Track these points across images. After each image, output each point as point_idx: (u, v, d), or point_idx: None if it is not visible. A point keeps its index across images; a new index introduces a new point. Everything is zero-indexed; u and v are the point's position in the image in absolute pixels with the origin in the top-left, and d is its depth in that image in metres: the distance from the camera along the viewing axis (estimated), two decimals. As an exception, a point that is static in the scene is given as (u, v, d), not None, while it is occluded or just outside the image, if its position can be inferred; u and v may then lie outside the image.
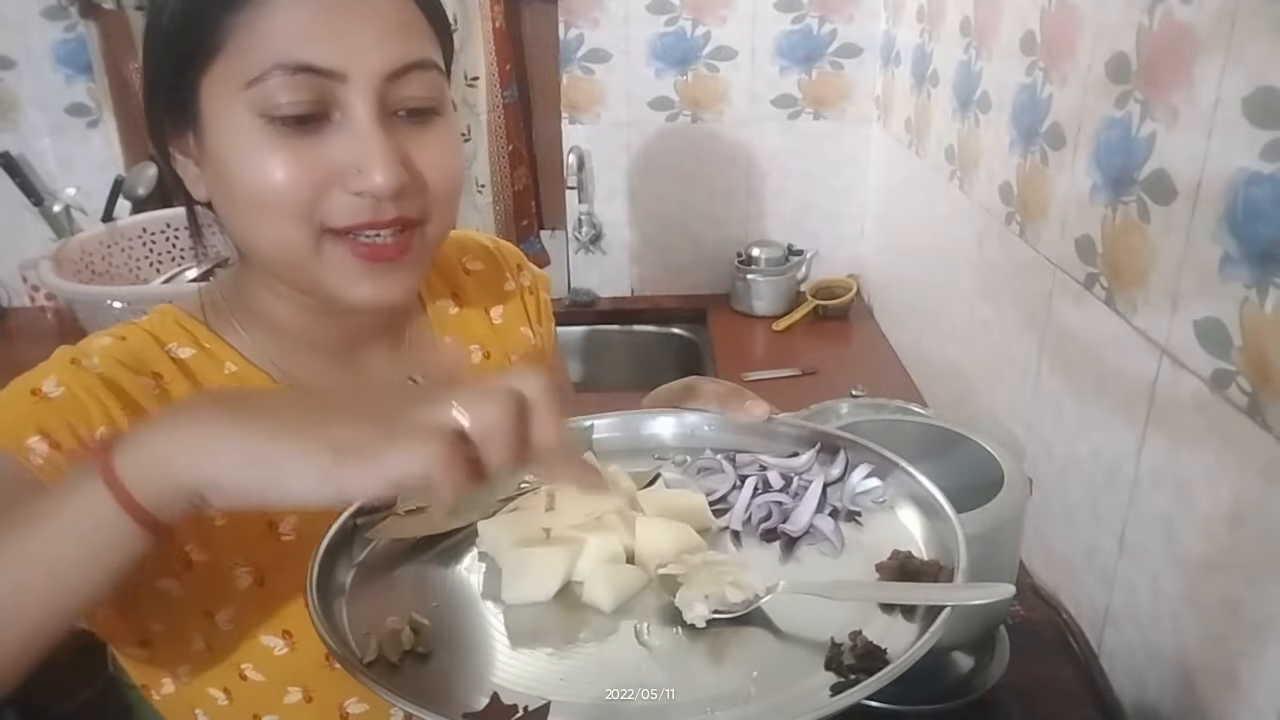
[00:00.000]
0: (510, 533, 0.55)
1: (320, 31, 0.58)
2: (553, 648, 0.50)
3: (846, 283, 1.96)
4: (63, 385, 0.61)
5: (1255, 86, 0.72)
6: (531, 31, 1.88)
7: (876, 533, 0.58)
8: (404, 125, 0.62)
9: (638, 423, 0.69)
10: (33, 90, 1.90)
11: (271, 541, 0.66)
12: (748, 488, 0.60)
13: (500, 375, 0.45)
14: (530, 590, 0.52)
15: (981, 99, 1.30)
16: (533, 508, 0.58)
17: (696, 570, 0.51)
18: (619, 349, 2.02)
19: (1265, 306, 0.71)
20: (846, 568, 0.55)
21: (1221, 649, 0.78)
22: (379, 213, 0.60)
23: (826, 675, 0.46)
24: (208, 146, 0.61)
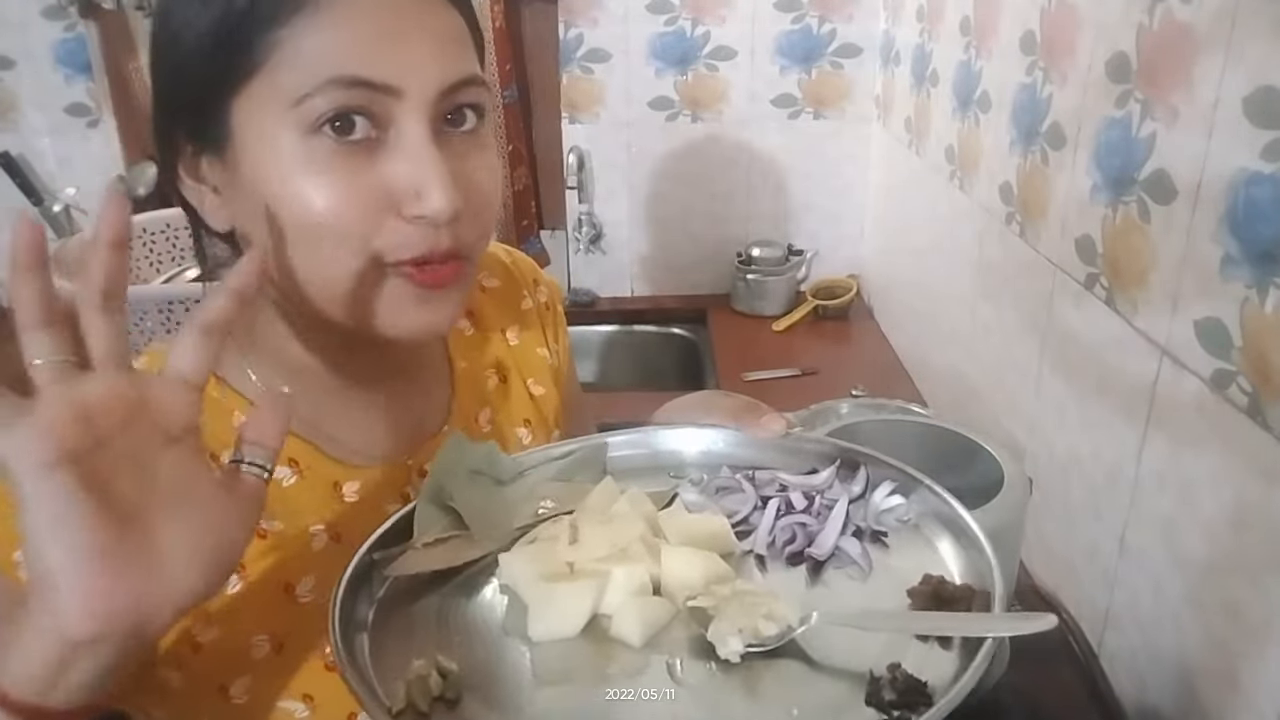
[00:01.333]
0: (533, 566, 0.52)
1: (375, 45, 0.54)
2: (583, 686, 0.48)
3: (846, 283, 1.96)
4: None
5: (1255, 86, 0.72)
6: (531, 31, 1.88)
7: (903, 554, 0.56)
8: (454, 146, 0.58)
9: (652, 439, 0.67)
10: (32, 90, 1.90)
11: (289, 605, 0.63)
12: (770, 509, 0.58)
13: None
14: (557, 626, 0.50)
15: (981, 99, 1.30)
16: (553, 538, 0.55)
17: (727, 602, 0.49)
18: (619, 349, 2.02)
19: (1266, 307, 0.71)
20: (876, 592, 0.53)
21: (1223, 650, 0.78)
22: (436, 244, 0.57)
23: (868, 711, 0.44)
24: (242, 170, 0.56)
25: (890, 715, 0.44)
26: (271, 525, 0.63)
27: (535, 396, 0.83)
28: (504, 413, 0.79)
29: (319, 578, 0.64)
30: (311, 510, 0.65)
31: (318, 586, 0.64)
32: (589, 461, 0.65)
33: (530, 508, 0.58)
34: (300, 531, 0.64)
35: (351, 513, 0.67)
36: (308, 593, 0.64)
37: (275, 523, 0.63)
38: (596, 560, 0.52)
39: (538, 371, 0.84)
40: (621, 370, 2.02)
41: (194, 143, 0.59)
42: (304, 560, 0.64)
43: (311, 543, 0.64)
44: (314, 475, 0.66)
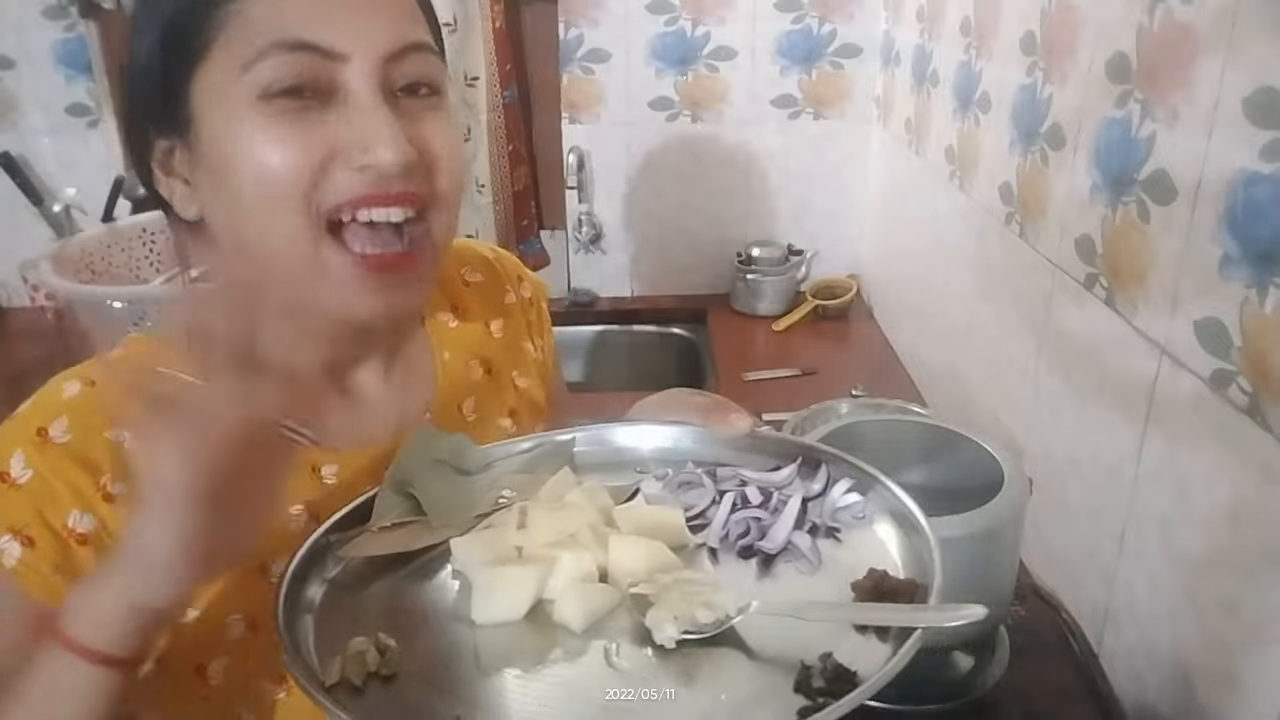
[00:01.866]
0: (482, 551, 0.53)
1: (319, 12, 0.57)
2: (521, 669, 0.48)
3: (846, 283, 1.96)
4: (30, 467, 0.59)
5: (1255, 86, 0.72)
6: (531, 31, 1.88)
7: (855, 550, 0.57)
8: (406, 109, 0.60)
9: (618, 435, 0.69)
10: (33, 90, 1.90)
11: (264, 585, 0.63)
12: (725, 503, 0.59)
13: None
14: (500, 610, 0.51)
15: (981, 99, 1.30)
16: (505, 524, 0.56)
17: (668, 590, 0.50)
18: (619, 349, 2.02)
19: (1265, 306, 0.71)
20: (823, 586, 0.54)
21: (1221, 649, 0.78)
22: (384, 187, 0.58)
23: (795, 698, 0.45)
24: (202, 147, 0.59)
25: (815, 701, 0.44)
26: None
27: (520, 389, 0.83)
28: (488, 403, 0.80)
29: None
30: (291, 491, 0.65)
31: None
32: (554, 455, 0.65)
33: (491, 497, 0.59)
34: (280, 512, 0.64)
35: (329, 495, 0.67)
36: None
37: None
38: (544, 546, 0.53)
39: (522, 364, 0.84)
40: (621, 370, 2.02)
41: (162, 135, 0.61)
42: (280, 540, 0.63)
43: (289, 524, 0.65)
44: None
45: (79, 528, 0.58)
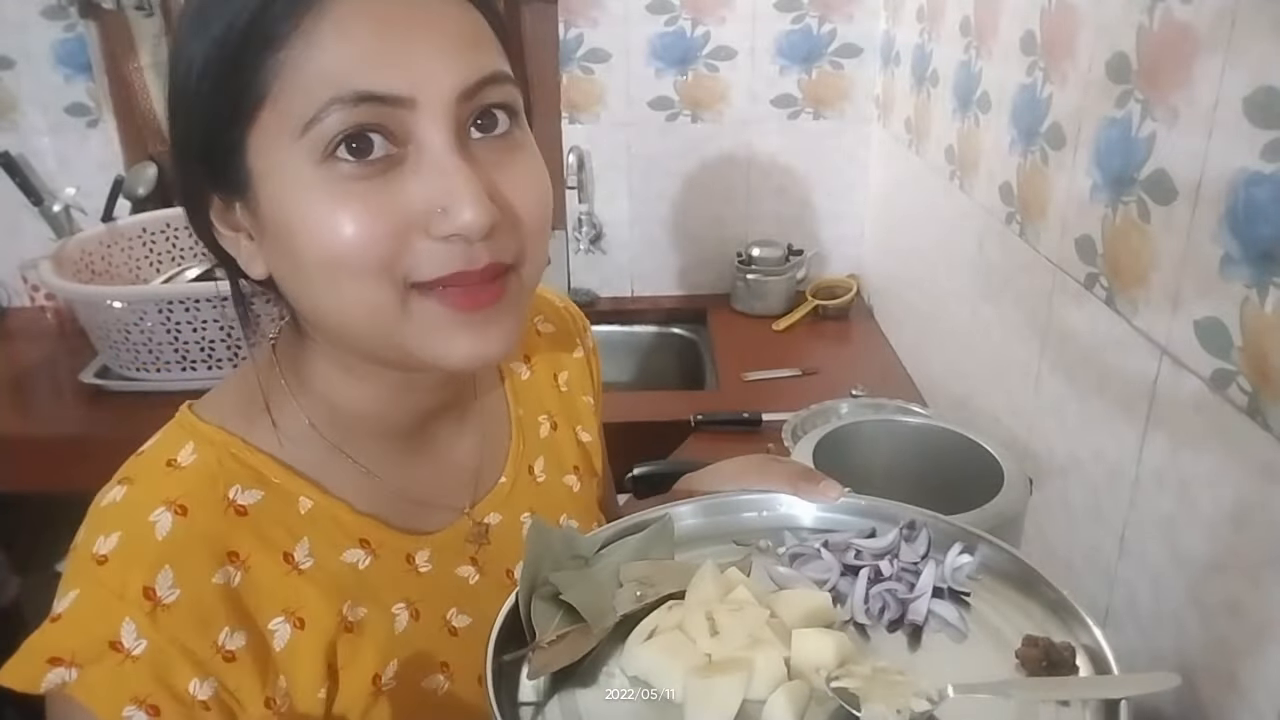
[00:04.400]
0: (674, 659, 0.52)
1: (380, 56, 0.50)
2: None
3: (846, 283, 1.96)
4: (143, 637, 0.53)
5: (1255, 86, 0.72)
6: (531, 31, 1.88)
7: (986, 613, 0.57)
8: (484, 152, 0.54)
9: (715, 507, 0.67)
10: (32, 90, 1.90)
11: (376, 697, 0.61)
12: (862, 578, 0.59)
13: None
14: (713, 718, 0.50)
15: (981, 99, 1.30)
16: (676, 627, 0.55)
17: (870, 681, 0.50)
18: (619, 349, 2.02)
19: (1265, 306, 0.71)
20: (978, 654, 0.54)
21: (1222, 650, 0.78)
22: (471, 260, 0.52)
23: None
24: (263, 212, 0.54)
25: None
26: (357, 615, 0.61)
27: (583, 443, 0.81)
28: (555, 461, 0.78)
29: (401, 662, 0.62)
30: (390, 589, 0.64)
31: (400, 671, 0.62)
32: (661, 535, 0.64)
33: (628, 592, 0.57)
34: (384, 615, 0.63)
35: (426, 584, 0.66)
36: (391, 679, 0.62)
37: (360, 610, 0.62)
38: (736, 649, 0.53)
39: (585, 419, 0.82)
40: (621, 370, 2.02)
41: (219, 191, 0.56)
42: (388, 646, 0.62)
43: (394, 625, 0.63)
44: (386, 552, 0.64)
45: (200, 695, 0.55)
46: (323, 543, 0.62)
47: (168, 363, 1.54)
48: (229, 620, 0.56)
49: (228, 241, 0.58)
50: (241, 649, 0.57)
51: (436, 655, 0.65)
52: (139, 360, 1.55)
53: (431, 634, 0.65)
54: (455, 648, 0.66)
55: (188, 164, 0.56)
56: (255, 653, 0.57)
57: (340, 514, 0.63)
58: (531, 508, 0.73)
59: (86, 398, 1.61)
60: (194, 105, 0.53)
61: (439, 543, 0.67)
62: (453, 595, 0.67)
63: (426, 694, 0.64)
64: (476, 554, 0.69)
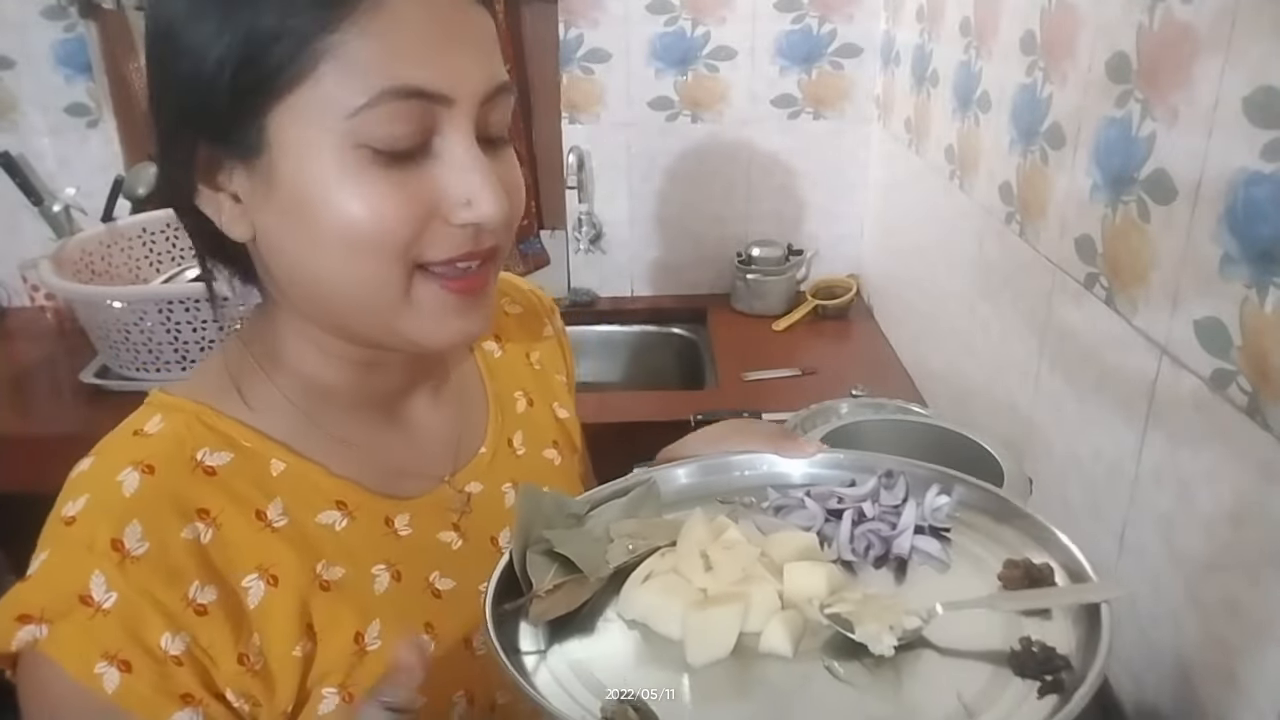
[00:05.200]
0: (671, 598, 0.54)
1: (427, 52, 0.53)
2: (768, 700, 0.50)
3: (846, 283, 1.96)
4: (114, 589, 0.54)
5: (1255, 86, 0.72)
6: (531, 31, 1.88)
7: (966, 545, 0.60)
8: (490, 152, 0.58)
9: (699, 469, 0.70)
10: (32, 90, 1.90)
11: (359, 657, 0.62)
12: (846, 520, 0.61)
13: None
14: (714, 649, 0.52)
15: (981, 99, 1.30)
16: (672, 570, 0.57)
17: (862, 605, 0.53)
18: (619, 349, 2.02)
19: (1265, 306, 0.71)
20: (963, 582, 0.57)
21: (1221, 648, 0.78)
22: (478, 243, 0.57)
23: (1026, 682, 0.48)
24: (278, 179, 0.54)
25: (1045, 681, 0.47)
26: (333, 574, 0.62)
27: (561, 420, 0.83)
28: (534, 435, 0.79)
29: (384, 621, 0.63)
30: (369, 550, 0.64)
31: (384, 631, 0.63)
32: (647, 497, 0.66)
33: (620, 546, 0.59)
34: (363, 575, 0.63)
35: (407, 547, 0.66)
36: (375, 639, 0.62)
37: (336, 569, 0.62)
38: (731, 584, 0.55)
39: (560, 395, 0.84)
40: (621, 370, 2.02)
41: (216, 150, 0.56)
42: (369, 606, 0.63)
43: (374, 585, 0.64)
44: (364, 514, 0.65)
45: (172, 650, 0.55)
46: (297, 503, 0.62)
47: (168, 363, 1.54)
48: (199, 575, 0.57)
49: (205, 199, 0.58)
50: (213, 603, 0.57)
51: (420, 616, 0.65)
52: (139, 360, 1.55)
53: (414, 595, 0.66)
54: (439, 609, 0.67)
55: (184, 118, 0.56)
56: (227, 608, 0.57)
57: (315, 476, 0.64)
58: (513, 479, 0.75)
59: (86, 398, 1.61)
60: (219, 65, 0.53)
61: (419, 507, 0.68)
62: (435, 559, 0.68)
63: None
64: (459, 521, 0.70)
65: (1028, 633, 0.50)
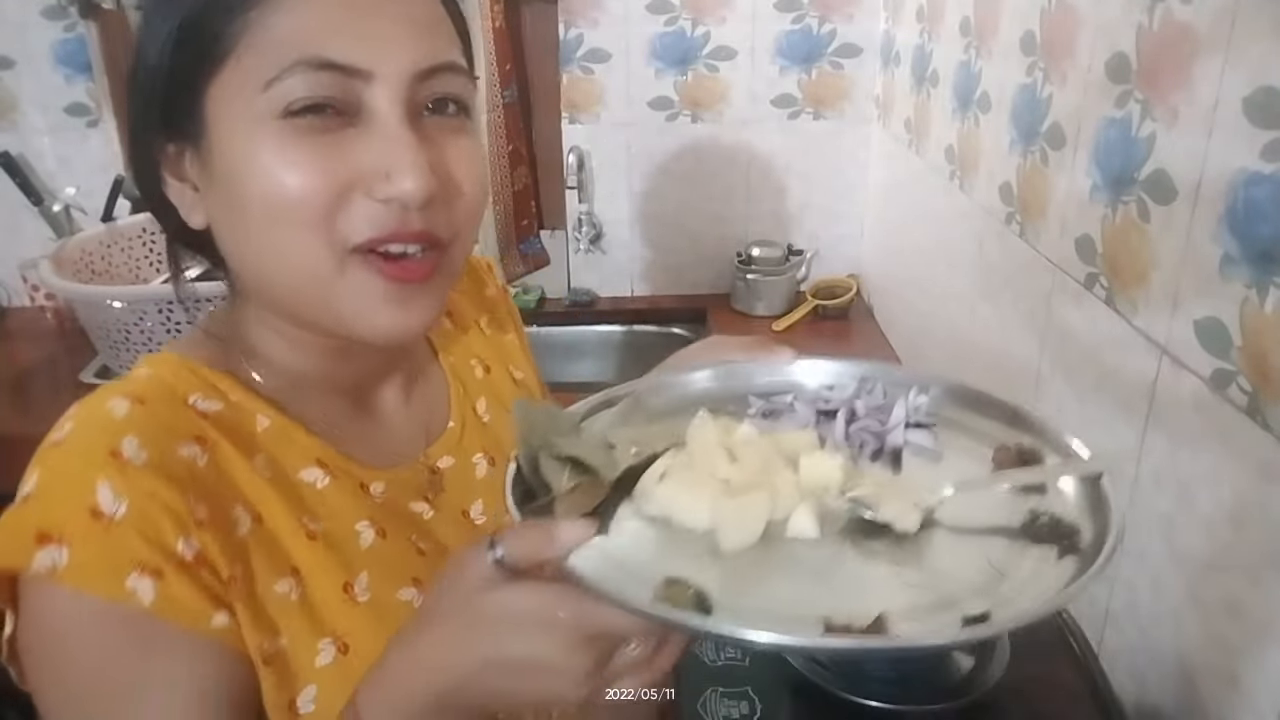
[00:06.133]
0: (697, 490, 0.55)
1: (346, 27, 0.54)
2: (808, 577, 0.51)
3: (846, 283, 1.96)
4: (123, 498, 0.53)
5: (1255, 86, 0.72)
6: (531, 31, 1.88)
7: (954, 436, 0.63)
8: (432, 131, 0.58)
9: (682, 380, 0.70)
10: (32, 90, 1.90)
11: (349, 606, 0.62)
12: (840, 419, 0.64)
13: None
14: (746, 535, 0.53)
15: (981, 99, 1.30)
16: (688, 465, 0.57)
17: (881, 488, 0.55)
18: (619, 349, 2.02)
19: (1265, 306, 0.71)
20: (957, 467, 0.60)
21: (1222, 649, 0.78)
22: (404, 223, 0.56)
23: (1043, 547, 0.51)
24: (214, 160, 0.56)
25: (1061, 545, 0.51)
26: (319, 526, 0.63)
27: (518, 381, 0.85)
28: (496, 400, 0.81)
29: (372, 574, 0.63)
30: (351, 508, 0.65)
31: (373, 584, 0.63)
32: (635, 408, 0.67)
33: (623, 450, 0.59)
34: (347, 530, 0.64)
35: (384, 510, 0.67)
36: (364, 590, 0.63)
37: (321, 523, 0.63)
38: (754, 474, 0.56)
39: (514, 356, 0.86)
40: (621, 370, 2.02)
41: (173, 140, 0.58)
42: (356, 558, 0.63)
43: (359, 540, 0.64)
44: (342, 475, 0.66)
45: (188, 554, 0.54)
46: (280, 460, 0.63)
47: (168, 363, 1.54)
48: (194, 490, 0.56)
49: (172, 191, 0.60)
50: (207, 519, 0.56)
51: (408, 571, 0.66)
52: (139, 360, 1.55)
53: (400, 550, 0.66)
54: (424, 565, 0.67)
55: (145, 111, 0.58)
56: (218, 528, 0.57)
57: (296, 434, 0.64)
58: (483, 448, 0.76)
59: (86, 398, 1.61)
60: (161, 53, 0.56)
61: (392, 478, 0.69)
62: (411, 525, 0.69)
63: (403, 605, 0.64)
64: (429, 494, 0.71)
65: (1033, 506, 0.54)
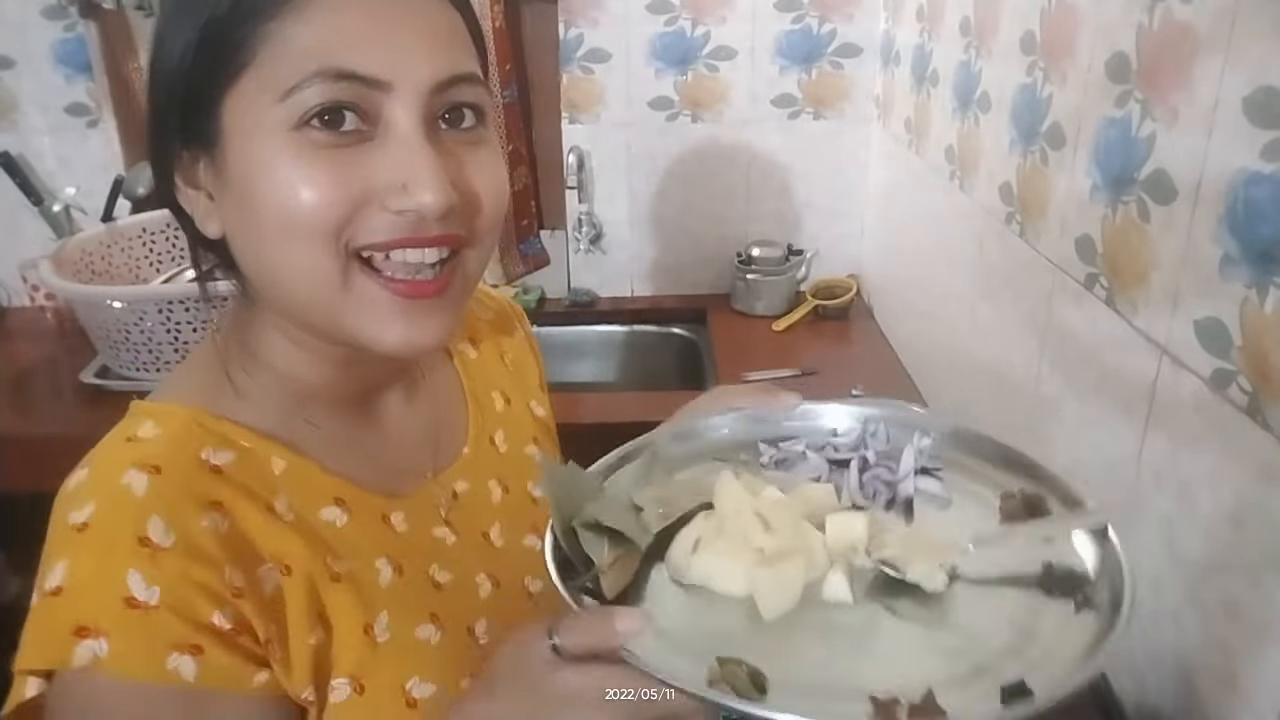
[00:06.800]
0: (733, 559, 0.55)
1: (364, 38, 0.53)
2: (848, 643, 0.52)
3: (846, 283, 1.96)
4: (154, 584, 0.53)
5: (1255, 86, 0.72)
6: (531, 31, 1.88)
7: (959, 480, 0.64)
8: (451, 144, 0.57)
9: (693, 430, 0.71)
10: (32, 90, 1.90)
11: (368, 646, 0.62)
12: (854, 468, 0.65)
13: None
14: (784, 602, 0.54)
15: (981, 99, 1.30)
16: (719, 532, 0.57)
17: (907, 548, 0.56)
18: (619, 349, 2.02)
19: (1265, 306, 0.71)
20: (966, 516, 0.61)
21: (1222, 649, 0.78)
22: (420, 229, 0.55)
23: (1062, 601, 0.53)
24: (229, 169, 0.56)
25: (1076, 599, 0.53)
26: (343, 567, 0.62)
27: (539, 417, 0.85)
28: (515, 433, 0.81)
29: (391, 613, 0.63)
30: (370, 545, 0.65)
31: (392, 623, 0.63)
32: (654, 462, 0.67)
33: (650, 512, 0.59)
34: (367, 568, 0.64)
35: (405, 542, 0.67)
36: (384, 630, 0.63)
37: (345, 563, 0.63)
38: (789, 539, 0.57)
39: (535, 394, 0.86)
40: (621, 370, 2.02)
41: (189, 147, 0.58)
42: (375, 598, 0.63)
43: (378, 579, 0.64)
44: (362, 510, 0.65)
45: (225, 625, 0.55)
46: (300, 500, 0.62)
47: (168, 363, 1.54)
48: (227, 560, 0.56)
49: (187, 199, 0.60)
50: (243, 586, 0.57)
51: (425, 608, 0.66)
52: (139, 360, 1.55)
53: (417, 587, 0.66)
54: (441, 601, 0.67)
55: (162, 120, 0.58)
56: (252, 593, 0.57)
57: (313, 474, 0.64)
58: (498, 476, 0.77)
59: (86, 398, 1.61)
60: (181, 59, 0.55)
61: (411, 505, 0.69)
62: (432, 553, 0.69)
63: (421, 644, 0.64)
64: (448, 516, 0.71)
65: (1045, 558, 0.55)
